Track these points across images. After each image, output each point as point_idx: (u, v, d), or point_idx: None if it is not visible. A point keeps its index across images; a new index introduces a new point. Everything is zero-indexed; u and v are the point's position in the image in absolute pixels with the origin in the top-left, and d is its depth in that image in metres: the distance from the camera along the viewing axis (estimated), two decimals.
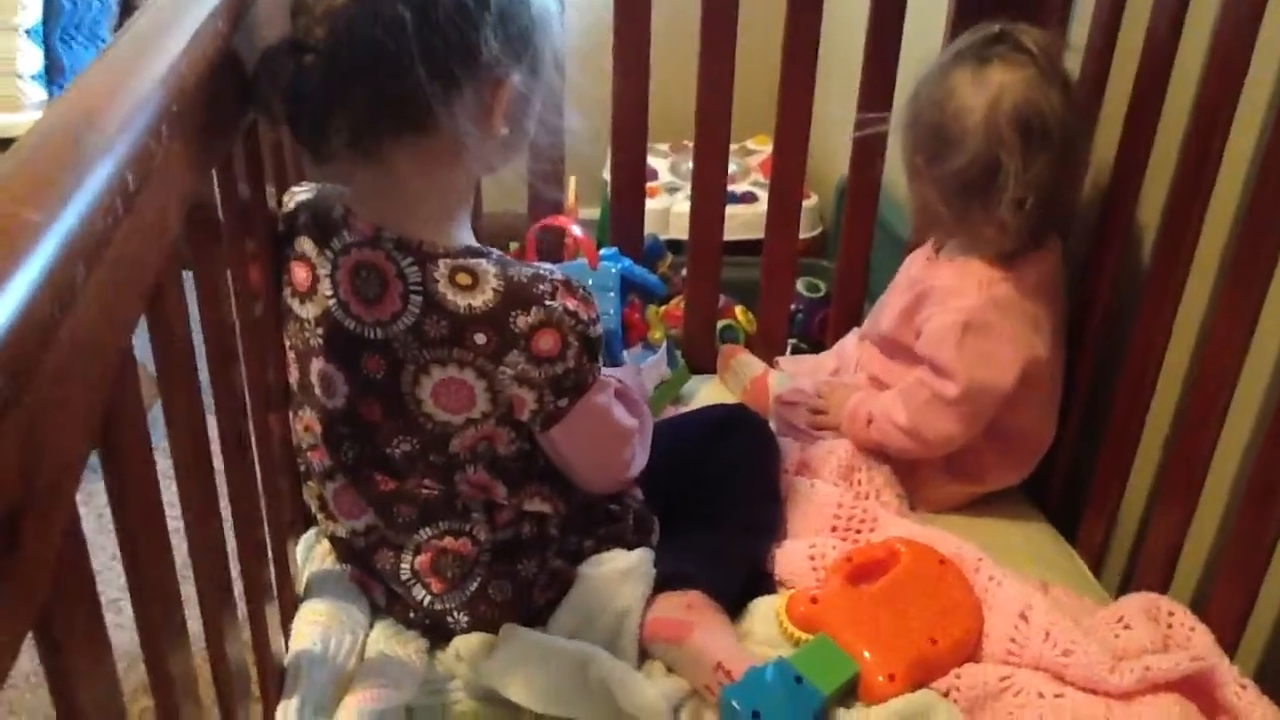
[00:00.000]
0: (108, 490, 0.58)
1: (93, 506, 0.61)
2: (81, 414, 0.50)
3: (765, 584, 1.05)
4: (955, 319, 1.13)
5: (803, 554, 1.06)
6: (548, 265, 0.91)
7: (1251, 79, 0.95)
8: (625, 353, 1.32)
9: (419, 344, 0.86)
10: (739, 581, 1.02)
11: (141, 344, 0.62)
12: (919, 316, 1.19)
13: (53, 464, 0.45)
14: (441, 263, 0.86)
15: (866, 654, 0.93)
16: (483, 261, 0.86)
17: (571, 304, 0.86)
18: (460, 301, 0.85)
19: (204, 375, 0.75)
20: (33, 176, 0.48)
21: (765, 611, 1.01)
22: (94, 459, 0.54)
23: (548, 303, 0.85)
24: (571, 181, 1.62)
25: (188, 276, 0.72)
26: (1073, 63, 1.22)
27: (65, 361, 0.46)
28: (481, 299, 0.85)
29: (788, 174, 1.40)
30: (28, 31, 1.78)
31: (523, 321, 0.85)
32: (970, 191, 1.11)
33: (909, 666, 0.93)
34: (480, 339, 0.85)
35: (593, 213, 1.85)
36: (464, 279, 0.85)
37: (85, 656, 0.51)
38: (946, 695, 0.93)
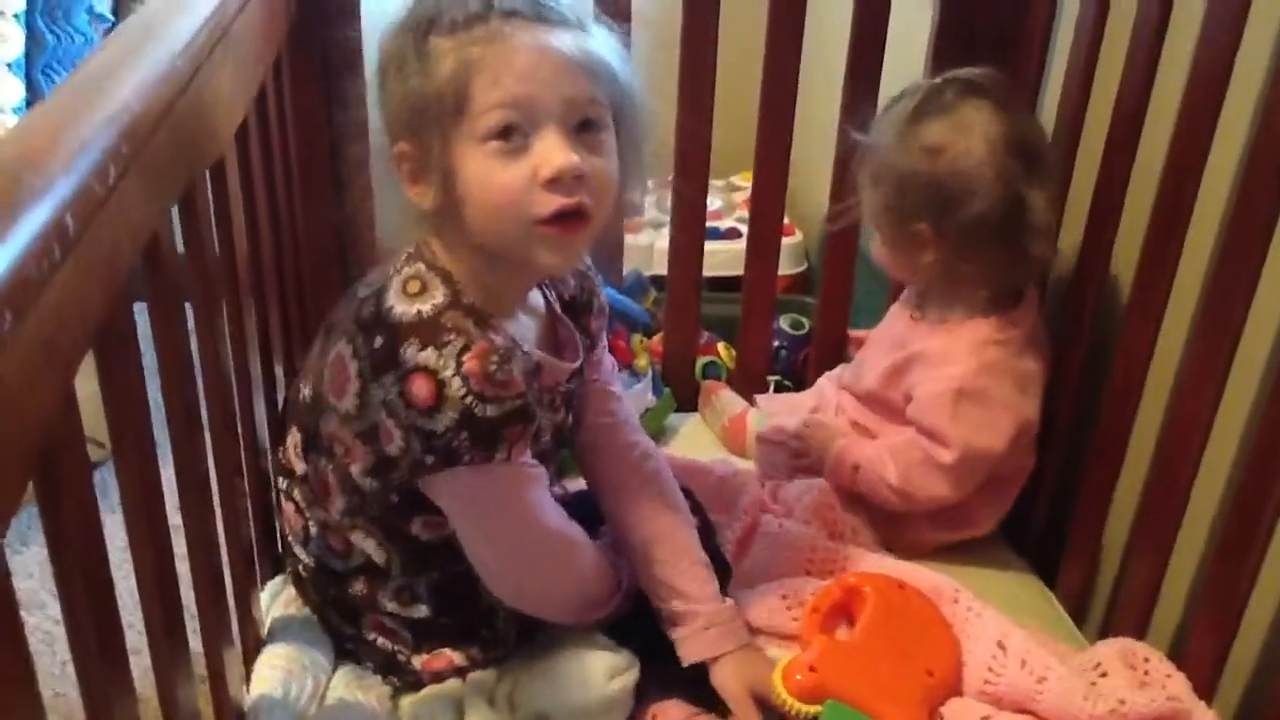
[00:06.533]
0: (44, 528, 0.57)
1: None
2: (15, 449, 0.49)
3: None
4: (948, 386, 1.11)
5: (775, 596, 1.04)
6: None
7: (1227, 113, 0.95)
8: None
9: (351, 316, 0.85)
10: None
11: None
12: (907, 381, 1.17)
13: None
14: (407, 268, 0.85)
15: (883, 709, 0.91)
16: (441, 286, 0.83)
17: (474, 371, 0.79)
18: (393, 301, 0.83)
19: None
20: None
21: None
22: None
23: (443, 353, 0.79)
24: None
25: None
26: (1050, 103, 1.22)
27: None
28: (405, 308, 0.82)
29: (766, 209, 1.40)
30: (9, 65, 1.76)
31: (410, 354, 0.80)
32: (995, 234, 1.09)
33: (921, 707, 0.93)
34: (377, 342, 0.81)
35: None
36: (414, 286, 0.83)
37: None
38: None
